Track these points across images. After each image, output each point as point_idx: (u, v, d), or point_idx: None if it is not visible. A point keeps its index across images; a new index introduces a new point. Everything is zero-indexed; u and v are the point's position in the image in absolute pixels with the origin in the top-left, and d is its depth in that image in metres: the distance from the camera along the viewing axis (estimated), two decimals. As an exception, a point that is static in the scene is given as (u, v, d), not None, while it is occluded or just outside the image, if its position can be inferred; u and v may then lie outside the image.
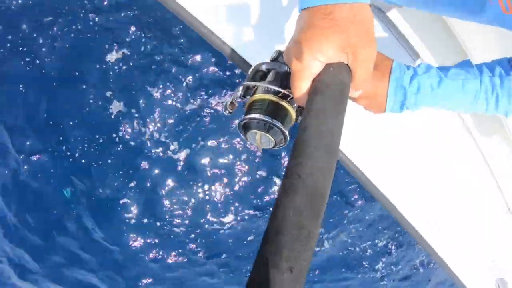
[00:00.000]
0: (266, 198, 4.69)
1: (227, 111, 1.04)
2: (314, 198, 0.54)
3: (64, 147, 4.38)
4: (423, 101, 1.04)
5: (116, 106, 4.31)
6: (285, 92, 0.89)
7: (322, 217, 0.54)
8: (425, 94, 1.03)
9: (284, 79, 0.94)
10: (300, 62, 0.74)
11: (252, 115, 0.87)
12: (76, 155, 4.47)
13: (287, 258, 0.47)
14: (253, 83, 0.96)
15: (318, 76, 0.74)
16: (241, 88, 0.99)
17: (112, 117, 4.32)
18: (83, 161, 4.46)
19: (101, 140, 4.39)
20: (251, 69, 1.01)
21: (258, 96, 0.90)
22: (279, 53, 1.00)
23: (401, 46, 1.85)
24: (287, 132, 0.90)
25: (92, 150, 4.42)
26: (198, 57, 4.25)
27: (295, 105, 0.91)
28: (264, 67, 0.99)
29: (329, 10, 0.71)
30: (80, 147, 4.41)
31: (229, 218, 4.79)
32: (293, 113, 0.91)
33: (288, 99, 0.90)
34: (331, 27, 0.70)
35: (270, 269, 0.47)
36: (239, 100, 1.00)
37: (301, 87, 0.76)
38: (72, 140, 4.39)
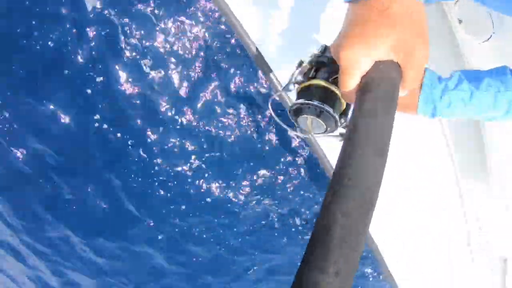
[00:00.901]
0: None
1: (287, 90, 1.04)
2: (363, 201, 0.53)
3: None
4: (454, 114, 0.99)
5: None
6: (336, 77, 0.92)
7: (370, 221, 0.53)
8: (456, 107, 0.97)
9: (333, 68, 0.97)
10: (351, 58, 0.71)
11: (304, 100, 0.91)
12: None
13: (335, 262, 0.47)
14: (296, 78, 0.99)
15: (367, 73, 0.71)
16: (296, 72, 1.01)
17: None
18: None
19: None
20: (298, 63, 1.04)
21: (309, 82, 0.93)
22: (326, 47, 1.04)
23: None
24: (337, 117, 0.93)
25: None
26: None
27: None
28: (317, 59, 1.02)
29: (386, 5, 0.68)
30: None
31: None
32: (343, 100, 0.94)
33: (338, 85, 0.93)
34: (387, 24, 0.68)
35: (316, 273, 0.46)
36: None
37: (350, 83, 0.73)
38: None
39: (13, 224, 5.45)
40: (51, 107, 4.51)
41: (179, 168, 4.80)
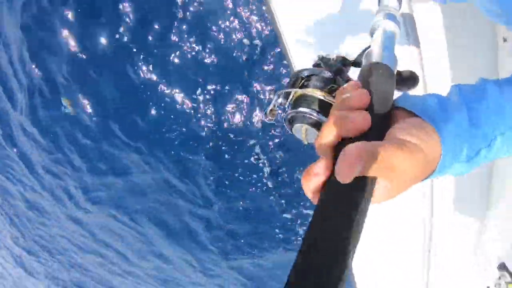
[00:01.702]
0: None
1: (268, 118, 1.06)
2: (352, 220, 0.49)
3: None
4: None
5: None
6: (332, 86, 0.91)
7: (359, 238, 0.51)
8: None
9: (328, 82, 0.97)
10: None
11: (300, 109, 0.90)
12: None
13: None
14: (293, 90, 0.98)
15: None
16: (281, 94, 1.01)
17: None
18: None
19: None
20: (291, 75, 1.04)
21: (305, 91, 0.92)
22: (322, 58, 1.03)
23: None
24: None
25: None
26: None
27: None
28: (305, 73, 1.02)
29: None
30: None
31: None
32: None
33: (334, 94, 0.92)
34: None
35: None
36: (280, 105, 1.02)
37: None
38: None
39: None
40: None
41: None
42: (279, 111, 1.05)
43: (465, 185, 2.01)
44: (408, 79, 0.84)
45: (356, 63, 0.99)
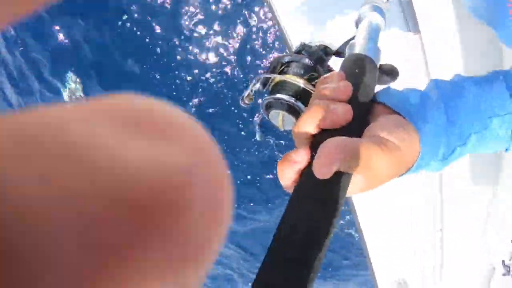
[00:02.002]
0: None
1: (244, 103, 1.04)
2: (329, 208, 0.48)
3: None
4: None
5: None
6: (311, 75, 0.90)
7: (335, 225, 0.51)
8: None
9: (308, 70, 0.95)
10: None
11: (277, 95, 0.89)
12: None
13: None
14: (272, 75, 0.97)
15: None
16: (259, 80, 1.00)
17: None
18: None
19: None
20: (271, 61, 1.02)
21: (284, 77, 0.91)
22: (303, 46, 1.02)
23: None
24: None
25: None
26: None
27: None
28: (286, 59, 1.01)
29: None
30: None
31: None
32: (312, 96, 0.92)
33: (313, 83, 0.91)
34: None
35: (279, 269, 0.44)
36: (257, 92, 1.01)
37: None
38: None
39: None
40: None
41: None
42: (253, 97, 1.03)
43: (476, 159, 2.03)
44: (388, 73, 0.84)
45: (338, 53, 0.98)
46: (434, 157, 0.60)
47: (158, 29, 4.65)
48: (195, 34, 4.60)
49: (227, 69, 4.65)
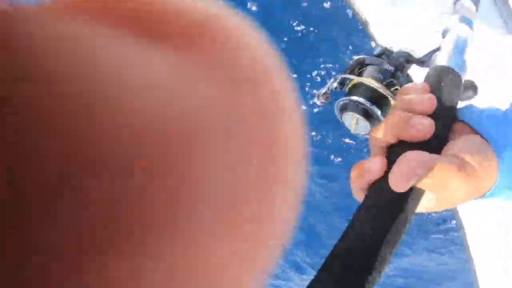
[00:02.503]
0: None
1: (320, 101, 1.06)
2: (399, 220, 0.50)
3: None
4: None
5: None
6: (391, 81, 0.90)
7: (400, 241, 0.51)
8: None
9: (386, 75, 0.95)
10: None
11: (355, 98, 0.89)
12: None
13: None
14: (351, 76, 0.98)
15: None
16: (338, 79, 1.01)
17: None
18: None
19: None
20: (351, 62, 1.03)
21: (362, 79, 0.92)
22: (384, 50, 1.02)
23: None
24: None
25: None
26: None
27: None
28: (366, 62, 1.01)
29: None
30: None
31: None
32: (393, 104, 0.92)
33: (392, 89, 0.91)
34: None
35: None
36: (333, 91, 1.02)
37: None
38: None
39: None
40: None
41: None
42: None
43: None
44: (468, 89, 0.82)
45: (420, 62, 0.97)
46: (510, 185, 0.59)
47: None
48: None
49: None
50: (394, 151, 0.51)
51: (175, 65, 0.12)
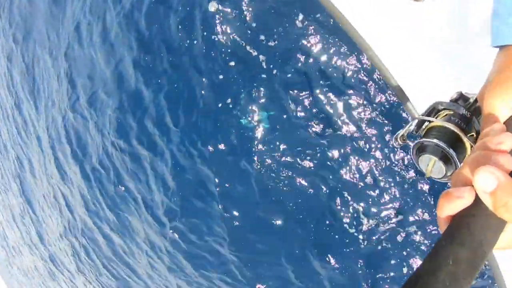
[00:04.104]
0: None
1: (397, 143, 1.06)
2: (477, 253, 0.52)
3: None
4: None
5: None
6: (467, 126, 0.91)
7: (477, 275, 0.53)
8: None
9: (463, 119, 0.96)
10: (491, 104, 0.69)
11: (434, 140, 0.90)
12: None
13: None
14: (432, 119, 0.98)
15: (506, 123, 0.68)
16: (415, 122, 1.02)
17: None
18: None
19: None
20: (428, 106, 1.04)
21: (440, 123, 0.93)
22: (460, 95, 1.02)
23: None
24: (460, 166, 0.90)
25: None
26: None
27: (472, 146, 0.92)
28: (442, 106, 1.02)
29: None
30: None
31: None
32: (468, 149, 0.92)
33: (469, 135, 0.91)
34: None
35: None
36: (411, 133, 1.03)
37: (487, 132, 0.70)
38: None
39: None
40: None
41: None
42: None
43: None
44: None
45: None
46: None
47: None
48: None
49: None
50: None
51: None
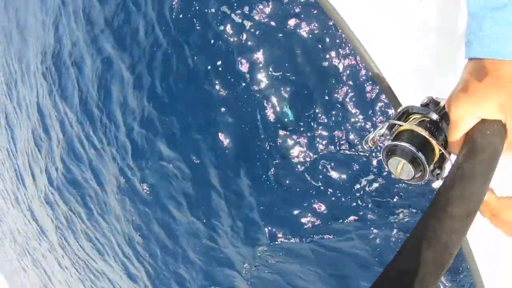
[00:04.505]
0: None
1: (368, 146, 1.08)
2: (443, 256, 0.54)
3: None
4: None
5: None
6: (436, 129, 0.93)
7: (442, 277, 0.56)
8: None
9: (432, 124, 0.98)
10: (457, 114, 0.75)
11: (403, 144, 0.92)
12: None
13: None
14: (401, 123, 1.00)
15: (471, 131, 0.74)
16: (385, 126, 1.04)
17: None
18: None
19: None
20: (399, 109, 1.06)
21: (410, 127, 0.95)
22: (431, 100, 1.05)
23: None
24: (428, 169, 0.93)
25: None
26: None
27: (441, 150, 0.95)
28: (413, 110, 1.04)
29: (496, 66, 0.69)
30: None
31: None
32: (437, 153, 0.94)
33: (437, 140, 0.93)
34: (495, 84, 0.68)
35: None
36: (381, 137, 1.05)
37: (455, 136, 0.78)
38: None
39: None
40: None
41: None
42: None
43: None
44: None
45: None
46: None
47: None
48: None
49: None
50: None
51: None
